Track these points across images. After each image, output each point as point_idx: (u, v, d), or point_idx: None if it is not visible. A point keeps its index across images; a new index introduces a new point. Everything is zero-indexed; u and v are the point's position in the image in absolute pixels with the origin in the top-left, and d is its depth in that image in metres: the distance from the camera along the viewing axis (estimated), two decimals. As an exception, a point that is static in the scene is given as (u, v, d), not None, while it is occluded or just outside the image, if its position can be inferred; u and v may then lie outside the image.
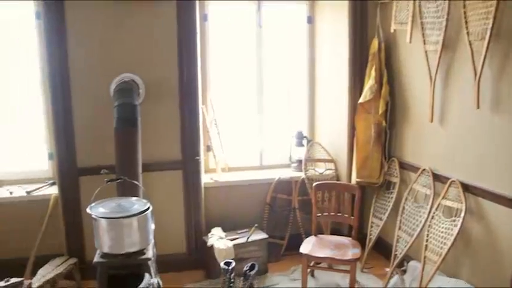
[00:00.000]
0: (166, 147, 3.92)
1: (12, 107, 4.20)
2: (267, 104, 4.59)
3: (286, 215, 4.32)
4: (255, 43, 4.46)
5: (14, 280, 3.07)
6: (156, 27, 3.78)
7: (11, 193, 3.94)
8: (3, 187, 4.08)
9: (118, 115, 3.36)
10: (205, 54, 4.28)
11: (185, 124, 3.90)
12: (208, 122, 4.24)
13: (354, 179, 4.04)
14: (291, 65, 4.65)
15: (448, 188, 3.24)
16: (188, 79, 3.85)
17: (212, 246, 3.80)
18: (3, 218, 3.91)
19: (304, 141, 4.51)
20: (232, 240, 3.87)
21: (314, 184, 3.77)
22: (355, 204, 3.62)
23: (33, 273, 3.58)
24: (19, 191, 3.98)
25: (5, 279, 3.06)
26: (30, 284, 3.19)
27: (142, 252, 2.85)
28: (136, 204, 2.93)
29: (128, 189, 3.16)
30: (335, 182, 4.24)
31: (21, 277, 3.20)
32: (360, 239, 3.74)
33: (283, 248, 4.30)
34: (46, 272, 3.52)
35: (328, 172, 4.38)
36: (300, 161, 4.45)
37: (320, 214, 3.75)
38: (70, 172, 3.79)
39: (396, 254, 3.64)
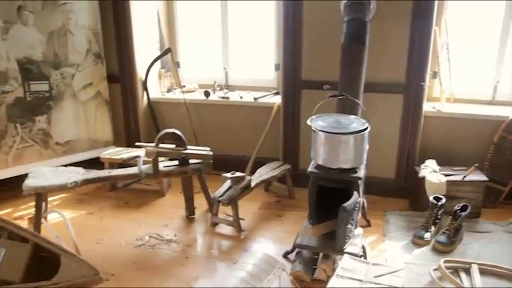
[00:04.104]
0: (391, 69, 3.74)
1: (247, 21, 4.53)
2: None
3: (514, 159, 3.85)
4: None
5: (238, 174, 3.48)
6: None
7: (241, 98, 4.38)
8: (235, 92, 4.55)
9: (347, 30, 3.29)
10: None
11: (413, 46, 3.63)
12: (439, 45, 3.88)
13: None
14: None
15: None
16: (424, -3, 3.53)
17: (423, 178, 3.64)
18: (234, 119, 4.42)
19: (555, 78, 3.84)
20: (446, 175, 3.63)
21: (559, 130, 3.23)
22: None
23: (253, 172, 3.99)
24: (247, 97, 4.38)
25: (231, 172, 3.49)
26: (250, 180, 3.56)
27: (354, 170, 2.86)
28: (355, 122, 2.91)
29: (347, 107, 3.16)
30: None
31: (243, 172, 3.59)
32: None
33: (503, 194, 3.87)
34: (263, 173, 3.88)
35: None
36: (544, 101, 3.83)
37: (559, 165, 3.24)
38: (294, 84, 3.96)
39: None
